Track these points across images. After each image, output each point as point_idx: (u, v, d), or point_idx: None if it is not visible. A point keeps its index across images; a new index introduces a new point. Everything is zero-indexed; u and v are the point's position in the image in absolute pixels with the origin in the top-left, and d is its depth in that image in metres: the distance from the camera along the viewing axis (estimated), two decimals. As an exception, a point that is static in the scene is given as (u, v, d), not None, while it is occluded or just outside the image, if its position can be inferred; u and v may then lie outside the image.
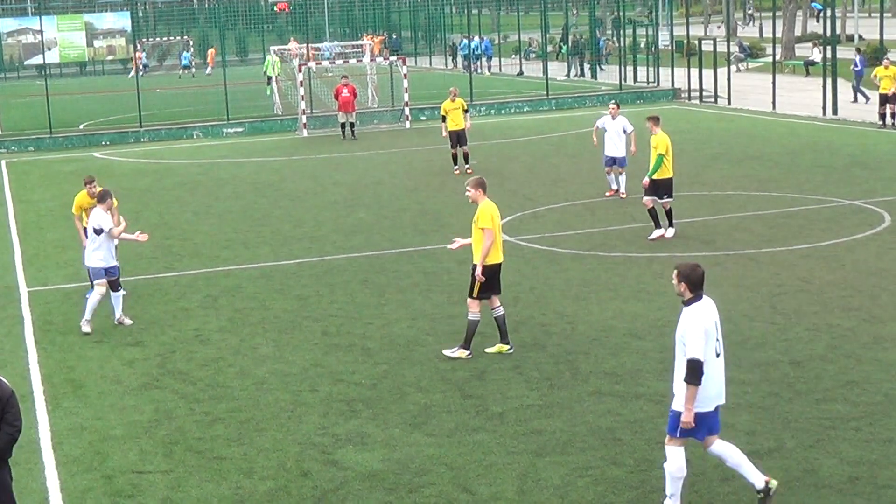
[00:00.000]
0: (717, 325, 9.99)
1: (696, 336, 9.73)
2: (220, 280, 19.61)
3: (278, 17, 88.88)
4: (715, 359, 9.87)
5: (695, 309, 9.89)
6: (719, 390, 9.99)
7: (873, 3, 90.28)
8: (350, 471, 11.35)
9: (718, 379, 9.95)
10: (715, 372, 9.88)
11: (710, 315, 9.91)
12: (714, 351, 9.86)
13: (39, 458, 12.11)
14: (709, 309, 9.95)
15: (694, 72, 45.77)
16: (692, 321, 9.81)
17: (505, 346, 14.84)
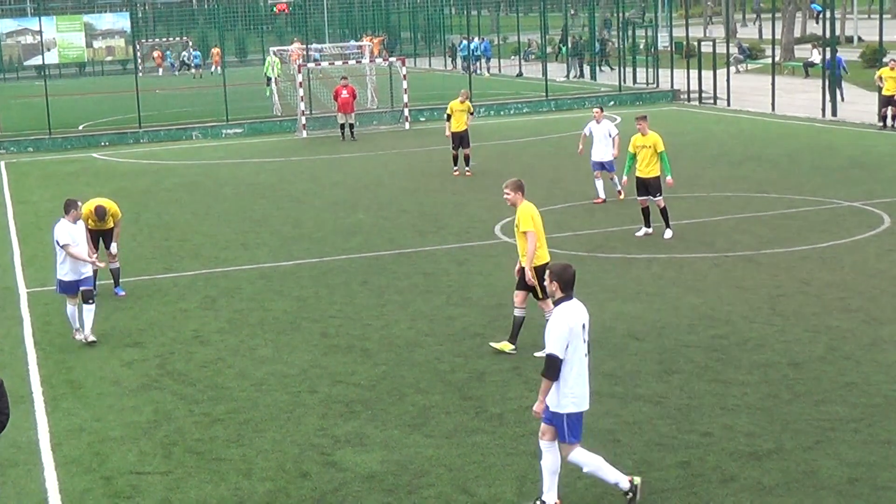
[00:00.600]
0: (586, 327, 10.14)
1: (558, 334, 9.89)
2: (219, 281, 19.61)
3: (277, 17, 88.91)
4: (583, 358, 10.06)
5: (563, 308, 10.06)
6: (587, 392, 10.18)
7: (873, 5, 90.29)
8: (349, 472, 11.35)
9: (586, 381, 10.13)
10: (584, 373, 10.08)
11: (577, 316, 10.07)
12: (582, 351, 10.04)
13: (38, 460, 12.10)
14: (577, 310, 10.12)
15: (693, 73, 45.78)
16: (557, 319, 9.99)
17: (509, 346, 14.82)
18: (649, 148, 20.87)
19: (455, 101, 30.03)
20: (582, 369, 10.03)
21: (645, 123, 21.13)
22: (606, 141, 24.80)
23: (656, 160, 20.89)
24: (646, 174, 20.87)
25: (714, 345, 14.79)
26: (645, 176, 20.89)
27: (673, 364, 14.11)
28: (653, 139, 20.91)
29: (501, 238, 21.83)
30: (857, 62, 52.94)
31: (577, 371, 9.97)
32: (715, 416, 12.30)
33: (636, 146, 21.09)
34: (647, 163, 20.90)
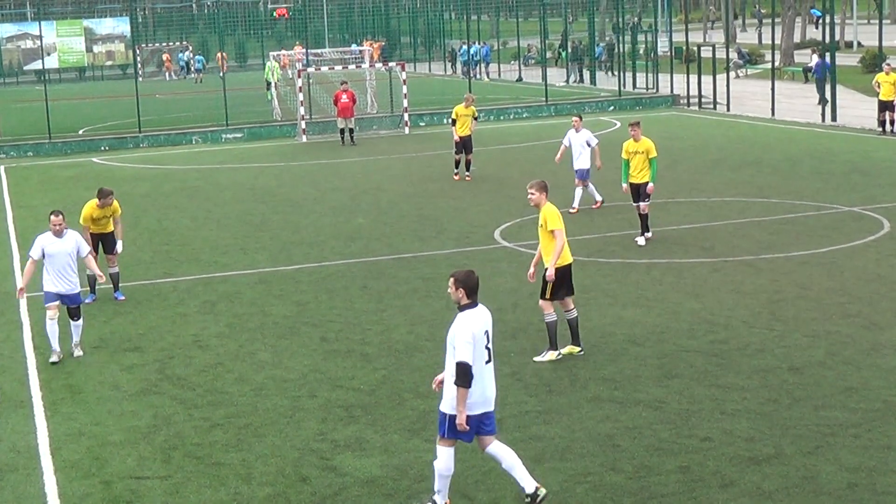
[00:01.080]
0: (489, 333, 10.23)
1: (464, 340, 9.99)
2: (219, 286, 19.61)
3: (277, 22, 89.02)
4: (484, 365, 10.12)
5: (467, 315, 10.18)
6: (489, 395, 10.23)
7: (873, 10, 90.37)
8: (349, 477, 11.34)
9: (488, 384, 10.20)
10: (485, 378, 10.14)
11: (481, 322, 10.19)
12: (484, 357, 10.12)
13: (38, 464, 12.09)
14: (481, 316, 10.24)
15: (693, 78, 45.81)
16: (463, 326, 10.09)
17: (576, 348, 14.79)
18: (642, 154, 20.86)
19: (460, 106, 29.95)
20: (482, 375, 10.10)
21: (638, 129, 21.06)
22: (584, 150, 24.65)
23: (648, 166, 20.83)
24: (639, 180, 20.90)
25: (714, 350, 14.79)
26: (638, 181, 20.89)
27: (672, 369, 14.11)
28: (646, 145, 20.89)
29: (501, 243, 21.83)
30: (857, 67, 52.99)
31: (479, 377, 10.07)
32: (714, 421, 12.30)
33: (629, 152, 21.02)
34: (640, 168, 20.88)
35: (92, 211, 18.68)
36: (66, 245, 15.59)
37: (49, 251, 15.49)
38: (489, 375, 10.23)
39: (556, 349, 14.60)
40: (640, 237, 21.02)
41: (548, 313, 14.61)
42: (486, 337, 10.17)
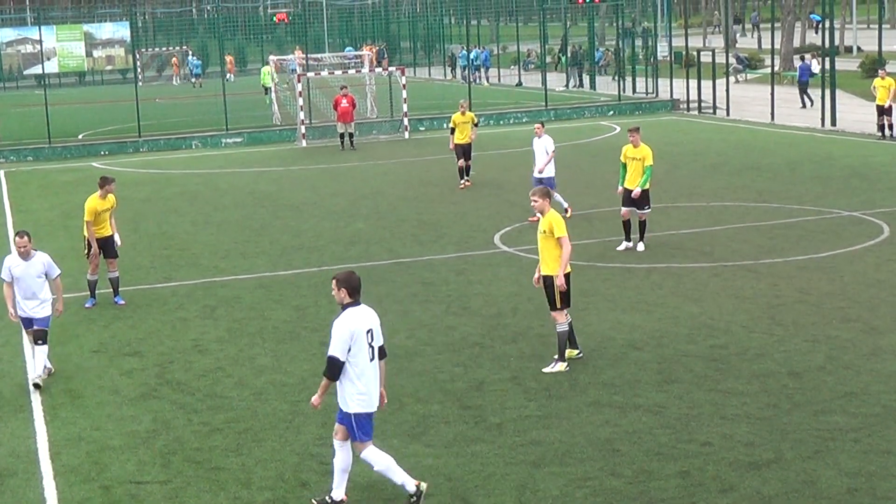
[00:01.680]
0: (374, 332, 10.48)
1: (339, 337, 10.30)
2: (219, 290, 19.61)
3: (277, 27, 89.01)
4: (368, 363, 10.40)
5: (348, 313, 10.43)
6: (377, 393, 10.56)
7: (872, 15, 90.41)
8: (349, 482, 11.31)
9: (374, 382, 10.50)
10: (370, 376, 10.44)
11: (363, 320, 10.44)
12: (368, 355, 10.39)
13: (37, 469, 12.09)
14: (363, 315, 10.49)
15: (693, 83, 45.84)
16: (341, 323, 10.38)
17: (574, 351, 14.75)
18: (639, 160, 20.71)
19: (456, 114, 29.70)
20: (369, 372, 10.39)
21: (637, 136, 20.92)
22: (544, 157, 24.50)
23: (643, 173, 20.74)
24: (633, 186, 20.76)
25: (713, 354, 14.78)
26: (632, 188, 20.76)
27: (672, 374, 14.11)
28: (643, 152, 20.74)
29: (501, 247, 21.84)
30: (857, 72, 53.02)
31: (364, 374, 10.35)
32: (714, 426, 12.30)
33: (627, 157, 20.93)
34: (637, 175, 20.74)
35: (95, 204, 18.63)
36: (33, 268, 14.86)
37: (15, 273, 14.83)
38: (372, 374, 10.49)
39: (565, 360, 14.51)
40: (639, 243, 20.97)
41: (560, 323, 14.52)
42: (369, 335, 10.43)
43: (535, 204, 14.53)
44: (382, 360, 10.61)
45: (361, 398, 10.38)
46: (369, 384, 10.41)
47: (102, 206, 18.69)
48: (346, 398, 10.42)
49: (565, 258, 14.33)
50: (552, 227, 14.30)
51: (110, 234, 18.88)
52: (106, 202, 18.76)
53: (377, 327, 10.57)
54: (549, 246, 14.44)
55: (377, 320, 10.62)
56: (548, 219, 14.37)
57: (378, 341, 10.55)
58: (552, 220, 14.34)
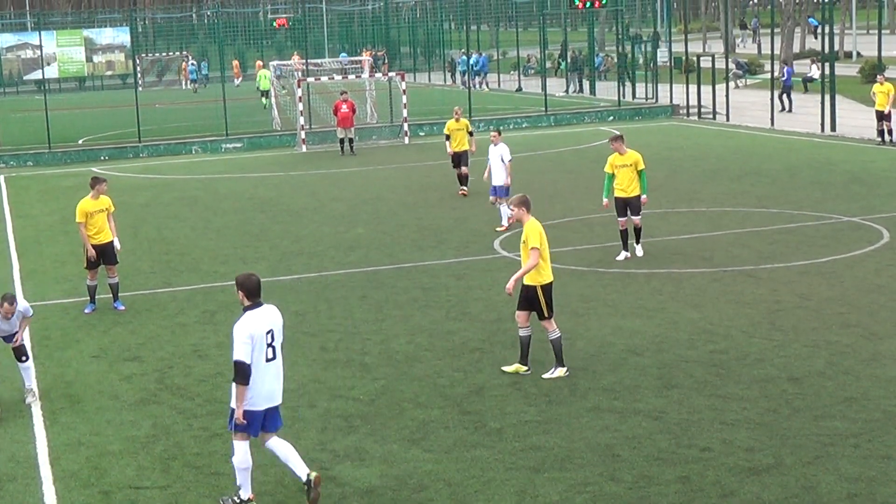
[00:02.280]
0: (274, 332, 10.70)
1: (240, 340, 10.52)
2: (218, 295, 19.60)
3: (277, 32, 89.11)
4: (265, 363, 10.58)
5: (247, 316, 10.67)
6: (271, 392, 10.71)
7: (872, 20, 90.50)
8: (348, 487, 11.33)
9: (270, 382, 10.67)
10: (266, 375, 10.61)
11: (262, 322, 10.64)
12: (265, 356, 10.57)
13: (37, 474, 12.08)
14: (263, 316, 10.70)
15: (693, 88, 45.86)
16: (240, 326, 10.61)
17: (523, 368, 14.66)
18: (630, 167, 20.39)
19: (450, 122, 29.16)
20: (262, 372, 10.58)
21: (621, 143, 20.60)
22: (500, 166, 24.35)
23: (636, 179, 20.54)
24: (628, 193, 20.43)
25: (713, 360, 14.78)
26: (627, 195, 20.44)
27: (672, 379, 14.10)
28: (633, 157, 20.44)
29: (501, 253, 21.84)
30: (857, 77, 53.07)
31: (258, 374, 10.56)
32: (714, 431, 12.30)
33: (615, 166, 20.49)
34: (629, 182, 20.40)
35: (85, 205, 18.50)
36: (12, 325, 14.14)
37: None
38: (272, 373, 10.67)
39: (563, 364, 14.50)
40: (637, 247, 20.87)
41: (552, 331, 14.51)
42: (269, 336, 10.62)
43: (512, 213, 14.65)
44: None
45: (249, 396, 10.60)
46: (261, 384, 10.61)
47: (94, 207, 18.50)
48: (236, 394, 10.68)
49: (528, 268, 14.25)
50: (527, 237, 14.32)
51: (109, 239, 18.73)
52: (98, 203, 18.59)
53: (278, 327, 10.82)
54: (525, 254, 14.39)
55: (280, 320, 10.87)
56: (526, 227, 14.41)
57: (279, 340, 10.80)
58: (528, 229, 14.36)
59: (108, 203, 18.80)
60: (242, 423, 10.55)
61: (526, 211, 14.47)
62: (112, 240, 18.78)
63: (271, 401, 10.75)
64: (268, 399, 10.70)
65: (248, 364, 10.48)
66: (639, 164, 20.48)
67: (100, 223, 18.60)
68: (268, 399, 10.70)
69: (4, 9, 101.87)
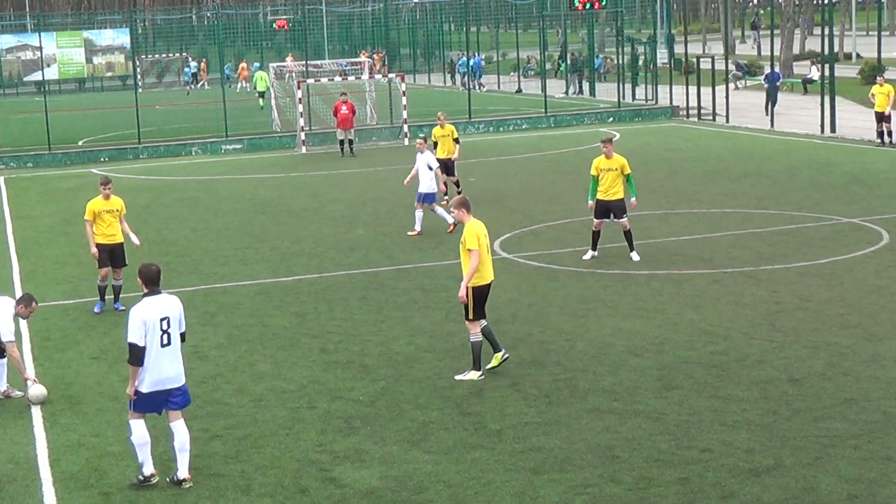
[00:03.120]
0: (170, 320, 11.42)
1: (133, 324, 11.28)
2: (218, 297, 19.61)
3: (277, 34, 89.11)
4: (160, 348, 11.33)
5: (143, 302, 11.41)
6: (169, 375, 11.46)
7: (871, 22, 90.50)
8: (348, 488, 11.33)
9: (167, 365, 11.42)
10: (162, 359, 11.36)
11: (157, 309, 11.38)
12: (160, 341, 11.32)
13: (37, 475, 12.08)
14: (159, 304, 11.43)
15: (692, 89, 45.86)
16: (135, 311, 11.37)
17: (500, 354, 14.77)
18: (615, 171, 20.40)
19: (436, 128, 28.68)
20: (157, 357, 11.32)
21: (611, 146, 20.62)
22: (426, 173, 24.33)
23: (621, 183, 20.51)
24: (610, 197, 20.43)
25: (713, 361, 14.78)
26: (609, 199, 20.44)
27: (672, 380, 14.10)
28: (619, 162, 20.45)
29: (500, 254, 21.83)
30: (856, 79, 53.08)
31: (154, 358, 11.30)
32: (714, 433, 12.30)
33: (599, 169, 20.49)
34: (612, 186, 20.42)
35: (94, 205, 18.52)
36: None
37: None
38: (168, 357, 11.40)
39: (479, 369, 14.53)
40: (632, 252, 20.80)
41: (473, 334, 14.57)
42: (164, 323, 11.35)
43: (453, 214, 14.92)
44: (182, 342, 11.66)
45: (144, 379, 11.34)
46: (156, 368, 11.33)
47: (103, 207, 18.51)
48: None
49: (471, 271, 14.33)
50: (465, 239, 14.45)
51: (119, 241, 18.64)
52: (109, 204, 18.58)
53: (175, 315, 11.52)
54: (465, 256, 14.53)
55: (178, 308, 11.55)
56: (465, 229, 14.55)
57: (178, 328, 11.54)
58: (466, 231, 14.49)
59: (120, 205, 18.78)
60: (132, 398, 11.40)
61: (466, 212, 14.67)
62: (122, 242, 18.71)
63: (170, 383, 11.48)
64: (165, 382, 11.43)
65: (140, 346, 11.22)
66: (625, 168, 20.48)
67: (109, 224, 18.57)
68: (165, 382, 11.43)
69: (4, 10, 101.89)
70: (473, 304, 14.45)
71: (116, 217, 18.69)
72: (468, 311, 14.50)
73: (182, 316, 11.66)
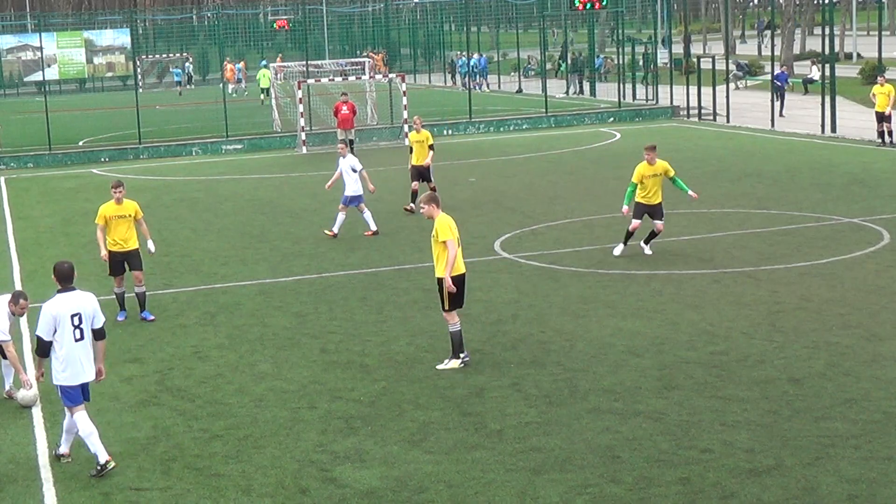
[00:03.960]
0: (82, 316, 11.85)
1: (43, 319, 11.78)
2: (219, 297, 19.61)
3: (277, 34, 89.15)
4: (73, 342, 11.81)
5: (55, 298, 11.85)
6: (81, 369, 11.93)
7: (872, 22, 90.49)
8: (348, 488, 11.33)
9: (79, 360, 11.90)
10: (76, 353, 11.86)
11: (68, 305, 11.82)
12: (72, 336, 11.79)
13: (37, 476, 12.09)
14: (70, 300, 11.85)
15: (693, 89, 45.86)
16: (46, 306, 11.84)
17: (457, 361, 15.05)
18: (658, 176, 20.77)
19: (412, 133, 28.20)
20: (72, 351, 11.81)
21: (654, 153, 20.84)
22: (352, 175, 24.38)
23: (661, 186, 20.84)
24: (652, 200, 20.78)
25: (714, 361, 14.78)
26: (651, 203, 20.79)
27: (672, 380, 14.10)
28: (662, 167, 20.84)
29: (501, 254, 21.84)
30: (857, 79, 53.08)
31: (67, 352, 11.79)
32: (715, 433, 12.29)
33: (644, 176, 20.72)
34: (655, 191, 20.79)
35: (105, 210, 17.90)
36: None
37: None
38: (81, 352, 11.89)
39: (458, 357, 14.95)
40: (646, 246, 20.95)
41: (452, 324, 14.96)
42: (76, 319, 11.80)
43: (422, 210, 15.19)
44: (99, 340, 12.12)
45: (65, 373, 11.83)
46: (74, 361, 11.81)
47: (115, 213, 17.88)
48: (53, 372, 11.92)
49: (450, 260, 14.71)
50: (437, 232, 14.80)
51: (133, 247, 18.04)
52: (121, 209, 17.90)
53: (88, 311, 11.93)
54: (438, 249, 14.87)
55: (91, 305, 11.98)
56: (436, 223, 14.88)
57: (90, 324, 11.96)
58: (437, 224, 14.84)
59: (134, 209, 18.09)
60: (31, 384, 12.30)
61: (436, 207, 15.06)
62: (136, 248, 18.10)
63: (88, 376, 12.02)
64: (80, 375, 11.94)
65: (46, 341, 11.78)
66: (668, 171, 20.89)
67: (122, 230, 17.96)
68: (80, 375, 11.94)
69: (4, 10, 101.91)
70: (449, 295, 14.79)
71: (130, 222, 18.00)
72: (444, 302, 14.86)
73: (97, 312, 12.06)
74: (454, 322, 14.96)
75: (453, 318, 14.95)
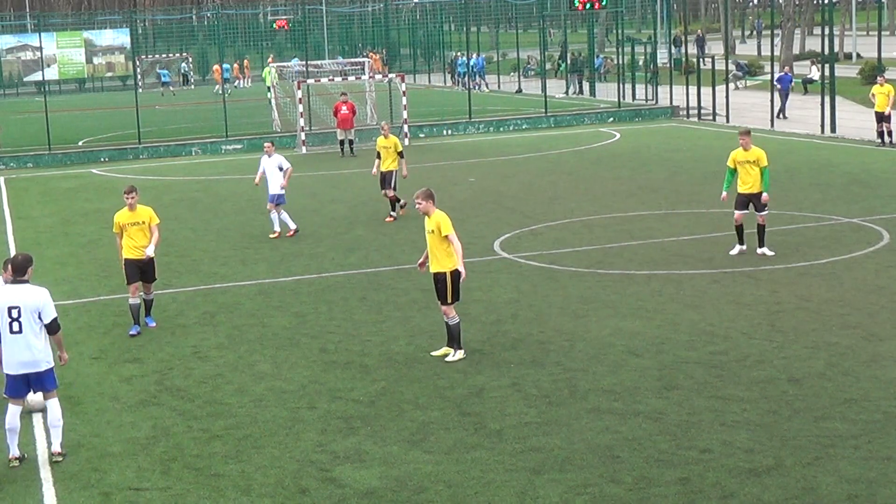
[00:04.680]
0: (21, 310, 12.05)
1: None
2: (218, 297, 19.61)
3: (277, 34, 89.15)
4: (10, 334, 12.12)
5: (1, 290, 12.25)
6: (24, 360, 12.19)
7: (871, 22, 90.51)
8: (348, 488, 11.33)
9: (18, 351, 12.16)
10: (13, 345, 12.15)
11: (7, 297, 12.13)
12: (9, 328, 12.10)
13: (37, 475, 12.09)
14: (11, 293, 12.17)
15: (693, 89, 45.86)
16: None
17: (450, 350, 15.42)
18: (752, 163, 20.35)
19: (379, 138, 27.44)
20: (7, 342, 12.14)
21: (748, 138, 20.48)
22: (277, 175, 24.38)
23: (758, 175, 20.39)
24: (752, 189, 20.42)
25: (713, 361, 14.78)
26: (751, 192, 20.44)
27: (672, 380, 14.10)
28: (756, 154, 20.37)
29: (500, 254, 21.84)
30: (857, 79, 53.08)
31: (4, 343, 12.13)
32: (714, 433, 12.30)
33: (738, 161, 20.47)
34: (753, 178, 20.40)
35: (118, 217, 17.51)
36: None
37: None
38: (18, 344, 12.12)
39: (462, 348, 15.32)
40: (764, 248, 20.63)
41: (451, 317, 15.23)
42: (14, 311, 12.05)
43: (419, 206, 15.25)
44: (52, 334, 12.35)
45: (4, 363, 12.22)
46: (11, 352, 12.13)
47: (128, 220, 17.44)
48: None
49: (458, 252, 15.05)
50: (438, 227, 14.97)
51: (151, 256, 17.51)
52: (134, 216, 17.45)
53: (30, 305, 12.10)
54: (437, 244, 15.06)
55: (37, 299, 12.15)
56: (434, 219, 15.06)
57: (33, 318, 12.09)
58: (438, 219, 15.02)
59: (148, 215, 17.58)
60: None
61: (432, 203, 15.20)
62: (153, 258, 17.61)
63: (27, 367, 12.19)
64: (22, 366, 12.19)
65: None
66: (761, 160, 20.40)
67: (139, 237, 17.44)
68: (22, 366, 12.19)
69: (4, 10, 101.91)
70: (453, 288, 15.07)
71: (145, 229, 17.48)
72: (447, 296, 15.10)
73: (46, 306, 12.20)
74: (454, 315, 15.22)
75: (452, 311, 15.22)
